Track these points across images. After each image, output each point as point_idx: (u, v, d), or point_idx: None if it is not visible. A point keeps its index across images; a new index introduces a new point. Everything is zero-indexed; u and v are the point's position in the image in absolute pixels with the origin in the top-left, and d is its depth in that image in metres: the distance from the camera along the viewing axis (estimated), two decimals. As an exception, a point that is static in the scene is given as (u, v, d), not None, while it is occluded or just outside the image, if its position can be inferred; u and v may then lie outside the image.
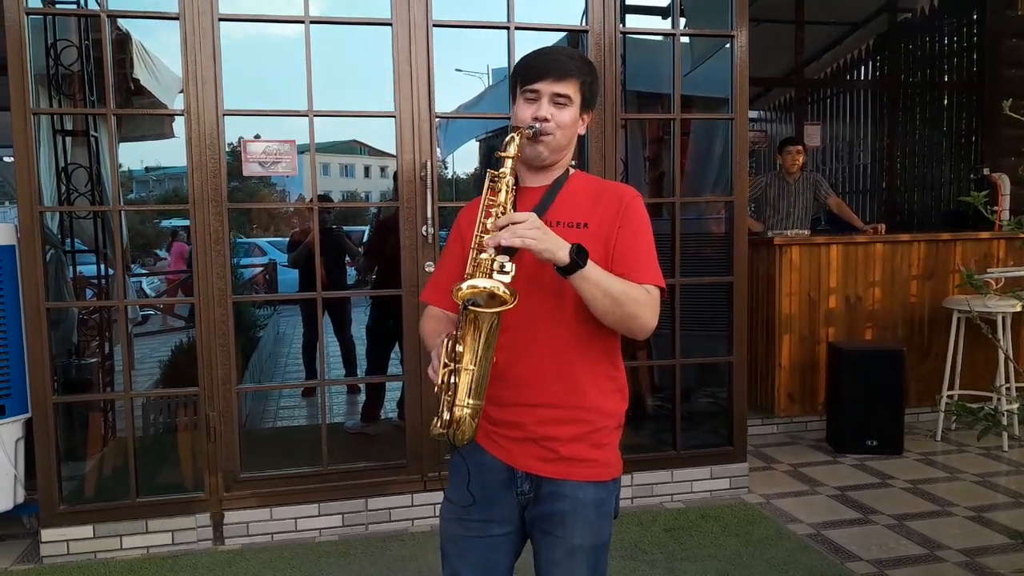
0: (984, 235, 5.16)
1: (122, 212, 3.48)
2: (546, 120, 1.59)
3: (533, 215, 1.45)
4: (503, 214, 1.47)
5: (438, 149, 3.77)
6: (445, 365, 1.45)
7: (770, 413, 5.01)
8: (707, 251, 4.69)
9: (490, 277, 1.43)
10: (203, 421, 3.42)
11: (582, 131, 1.69)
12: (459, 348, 1.43)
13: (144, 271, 14.54)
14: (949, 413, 4.80)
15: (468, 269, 1.49)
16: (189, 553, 3.38)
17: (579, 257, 1.45)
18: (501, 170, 1.51)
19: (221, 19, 3.30)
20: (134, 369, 3.87)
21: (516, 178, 1.59)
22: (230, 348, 3.42)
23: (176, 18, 3.26)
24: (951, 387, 4.76)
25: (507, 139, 1.53)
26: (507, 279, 1.42)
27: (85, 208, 4.46)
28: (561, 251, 1.43)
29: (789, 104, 9.01)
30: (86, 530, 3.34)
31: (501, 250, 1.43)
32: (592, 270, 1.47)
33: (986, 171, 6.18)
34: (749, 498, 3.91)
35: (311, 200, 3.70)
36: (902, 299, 5.06)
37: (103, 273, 4.69)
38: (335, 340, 6.34)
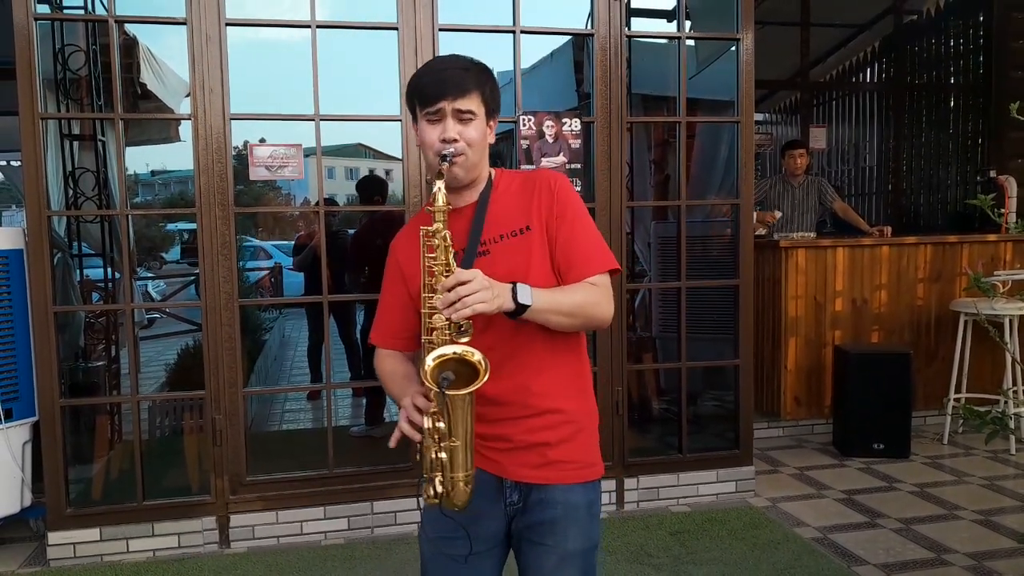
0: (991, 237, 5.15)
1: (129, 216, 3.49)
2: (455, 140, 1.53)
3: (478, 274, 1.39)
4: (446, 272, 1.43)
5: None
6: (428, 448, 1.44)
7: (776, 416, 5.00)
8: (713, 254, 4.68)
9: (452, 342, 1.42)
10: (209, 424, 3.43)
11: (491, 139, 1.63)
12: (440, 425, 1.42)
13: (150, 274, 14.58)
14: (956, 416, 4.78)
15: (423, 332, 1.47)
16: (195, 556, 3.39)
17: (523, 298, 1.43)
18: (435, 225, 1.44)
19: (228, 24, 3.31)
20: (140, 372, 3.88)
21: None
22: (236, 351, 3.42)
23: (183, 23, 3.28)
24: (958, 390, 4.74)
25: (434, 190, 1.46)
26: (467, 338, 1.42)
27: (92, 212, 4.48)
28: (507, 301, 1.42)
29: (795, 106, 9.01)
30: (93, 533, 3.35)
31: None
32: (539, 302, 1.45)
33: (993, 173, 6.16)
34: (755, 501, 3.90)
35: (317, 204, 3.71)
36: (909, 302, 5.05)
37: (110, 277, 4.71)
38: (341, 343, 6.34)
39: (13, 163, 7.18)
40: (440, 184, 1.47)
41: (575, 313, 1.52)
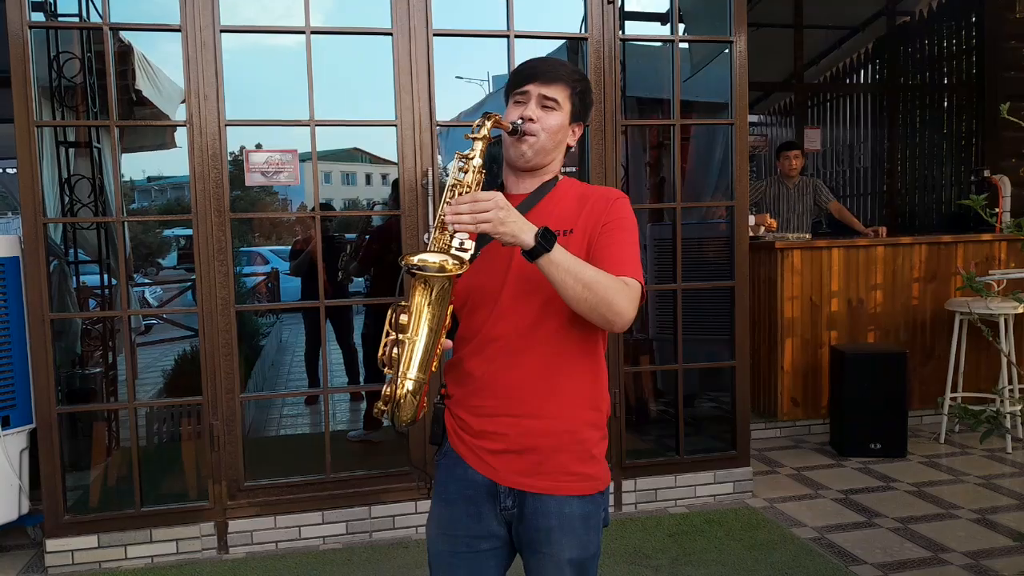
0: (985, 237, 5.17)
1: (125, 223, 3.49)
2: (531, 120, 1.56)
3: (499, 195, 1.38)
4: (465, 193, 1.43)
5: (439, 157, 3.78)
6: (387, 335, 1.41)
7: (773, 417, 5.01)
8: (708, 255, 4.69)
9: (447, 252, 1.38)
10: (207, 430, 3.43)
11: (571, 143, 1.65)
12: (403, 317, 1.39)
13: (147, 281, 14.56)
14: (952, 415, 4.80)
15: (431, 242, 1.45)
16: (194, 562, 3.39)
17: (545, 241, 1.38)
18: (469, 151, 1.46)
19: (223, 30, 3.32)
20: (138, 379, 3.88)
21: (501, 183, 1.59)
22: (233, 357, 3.43)
23: (178, 30, 3.28)
24: (954, 389, 4.75)
25: (478, 121, 1.48)
26: (467, 256, 1.37)
27: (88, 219, 4.48)
28: (525, 234, 1.37)
29: (789, 108, 9.03)
30: (91, 540, 3.35)
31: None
32: (559, 254, 1.40)
33: (986, 173, 6.19)
34: (753, 502, 3.91)
35: (313, 209, 3.72)
36: (904, 302, 5.06)
37: (106, 283, 4.71)
38: (338, 348, 6.35)
39: (9, 170, 7.18)
40: (487, 121, 1.47)
41: (592, 287, 1.41)
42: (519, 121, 1.55)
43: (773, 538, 3.46)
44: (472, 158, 1.46)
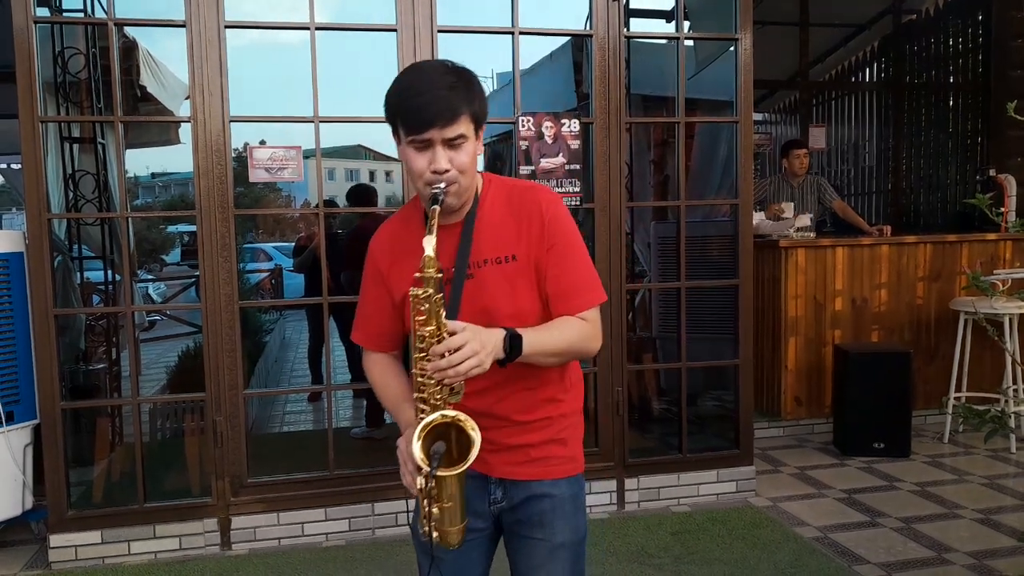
0: (991, 236, 5.15)
1: (129, 219, 3.49)
2: (446, 171, 1.46)
3: (469, 336, 1.36)
4: (438, 337, 1.38)
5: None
6: (421, 492, 1.41)
7: (776, 416, 5.00)
8: (712, 254, 4.68)
9: (445, 406, 1.41)
10: (210, 426, 3.43)
11: (480, 149, 1.56)
12: (432, 488, 1.40)
13: (151, 277, 14.58)
14: (956, 415, 4.78)
15: (415, 390, 1.44)
16: (197, 558, 3.39)
17: (513, 349, 1.43)
18: (425, 291, 1.38)
19: (227, 26, 3.32)
20: (141, 375, 3.87)
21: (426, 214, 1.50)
22: (237, 353, 3.43)
23: (183, 25, 3.28)
24: (958, 389, 4.74)
25: (425, 237, 1.38)
26: (458, 399, 1.43)
27: (92, 215, 4.48)
28: (498, 351, 1.41)
29: (794, 106, 9.01)
30: (94, 535, 3.35)
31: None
32: (529, 346, 1.45)
33: (992, 172, 6.16)
34: (756, 501, 3.91)
35: (317, 205, 3.71)
36: (909, 301, 5.05)
37: (110, 279, 4.72)
38: (341, 345, 6.35)
39: (13, 166, 7.19)
40: (435, 222, 1.40)
41: (564, 353, 1.54)
42: (440, 186, 1.46)
43: (776, 537, 3.46)
44: (430, 297, 1.38)
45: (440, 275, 1.41)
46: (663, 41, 5.27)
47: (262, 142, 3.75)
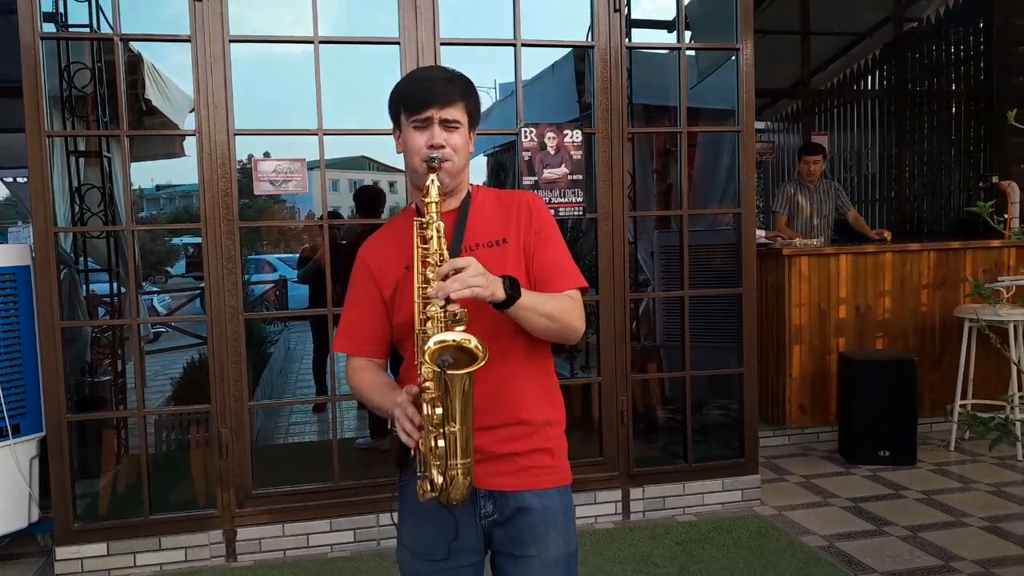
0: (994, 243, 5.15)
1: (135, 231, 3.52)
2: (442, 147, 1.57)
3: (473, 260, 1.44)
4: (440, 261, 1.47)
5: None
6: (420, 428, 1.43)
7: (781, 424, 4.99)
8: (716, 263, 4.69)
9: (450, 329, 1.43)
10: (215, 438, 3.44)
11: (472, 150, 1.69)
12: (437, 410, 1.40)
13: (156, 289, 14.63)
14: (962, 423, 4.77)
15: (417, 322, 1.50)
16: (202, 570, 3.39)
17: (514, 290, 1.48)
18: (429, 216, 1.50)
19: (232, 40, 3.35)
20: (146, 386, 3.89)
21: (419, 210, 1.58)
22: (242, 365, 3.44)
23: (188, 40, 3.31)
24: (963, 396, 4.73)
25: (427, 183, 1.52)
26: (463, 327, 1.43)
27: (98, 228, 4.51)
28: (499, 290, 1.46)
29: (796, 114, 9.03)
30: (100, 547, 3.36)
31: (449, 300, 1.42)
32: (527, 298, 1.51)
33: (995, 179, 6.17)
34: (761, 510, 3.90)
35: (321, 217, 3.73)
36: (913, 308, 5.04)
37: (116, 291, 4.74)
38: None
39: (20, 180, 7.24)
40: (433, 176, 1.52)
41: (555, 317, 1.58)
42: (436, 155, 1.56)
43: (782, 546, 3.45)
44: (433, 222, 1.50)
45: (442, 222, 1.51)
46: (665, 51, 5.29)
47: (266, 154, 3.77)
